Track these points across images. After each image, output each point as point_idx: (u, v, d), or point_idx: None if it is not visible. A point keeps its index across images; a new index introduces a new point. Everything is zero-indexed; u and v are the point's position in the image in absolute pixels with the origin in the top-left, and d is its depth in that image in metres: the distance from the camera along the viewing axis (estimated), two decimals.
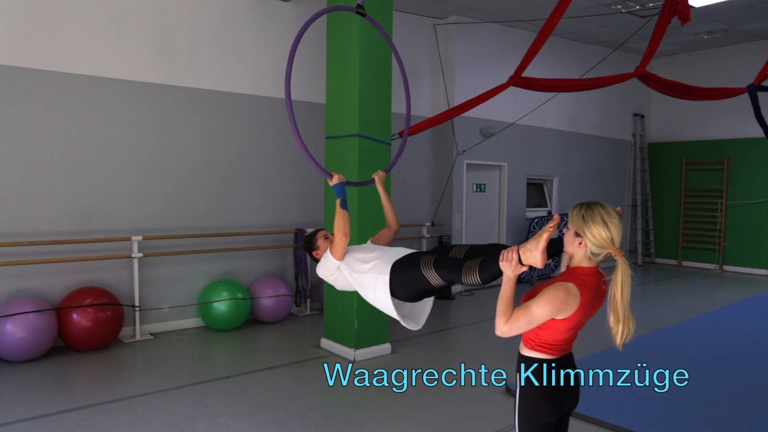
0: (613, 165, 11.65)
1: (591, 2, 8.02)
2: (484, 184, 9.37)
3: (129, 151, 6.03)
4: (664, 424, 3.95)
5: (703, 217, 11.43)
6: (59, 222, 5.63)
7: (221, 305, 6.17)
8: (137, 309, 5.96)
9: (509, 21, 8.86)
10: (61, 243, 5.55)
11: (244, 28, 6.75)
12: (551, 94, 8.29)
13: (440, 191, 8.72)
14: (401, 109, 7.82)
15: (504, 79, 6.10)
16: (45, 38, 5.50)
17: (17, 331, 4.96)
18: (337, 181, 3.00)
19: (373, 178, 3.41)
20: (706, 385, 4.72)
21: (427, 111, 8.36)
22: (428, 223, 8.56)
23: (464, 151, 8.62)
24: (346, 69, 5.37)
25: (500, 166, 9.45)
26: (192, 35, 6.39)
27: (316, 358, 5.46)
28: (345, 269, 2.93)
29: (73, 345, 5.42)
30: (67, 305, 5.33)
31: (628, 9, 8.28)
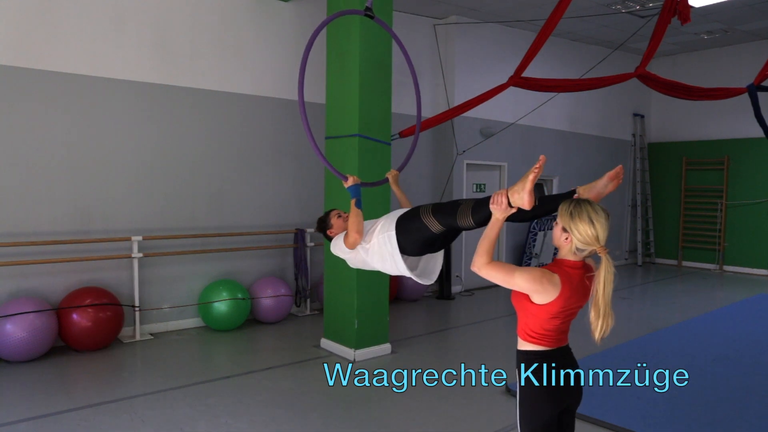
0: (613, 165, 11.32)
1: (591, 2, 8.02)
2: (484, 184, 9.37)
3: (129, 151, 6.03)
4: (664, 424, 3.95)
5: (703, 217, 11.43)
6: (59, 222, 5.63)
7: (221, 305, 6.17)
8: (137, 309, 5.96)
9: (509, 21, 8.86)
10: (61, 243, 5.55)
11: (244, 28, 6.75)
12: (551, 94, 8.28)
13: (440, 191, 8.71)
14: (401, 109, 7.83)
15: (504, 79, 6.09)
16: (45, 38, 5.50)
17: (17, 331, 4.96)
18: (352, 182, 3.09)
19: (387, 177, 3.51)
20: (706, 385, 4.71)
21: (427, 111, 8.36)
22: None
23: (464, 151, 8.62)
24: (346, 69, 5.37)
25: (500, 166, 9.45)
26: (192, 35, 6.39)
27: (316, 358, 5.46)
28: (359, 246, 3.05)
29: (73, 345, 5.42)
30: (67, 305, 5.33)
31: (628, 9, 8.28)
